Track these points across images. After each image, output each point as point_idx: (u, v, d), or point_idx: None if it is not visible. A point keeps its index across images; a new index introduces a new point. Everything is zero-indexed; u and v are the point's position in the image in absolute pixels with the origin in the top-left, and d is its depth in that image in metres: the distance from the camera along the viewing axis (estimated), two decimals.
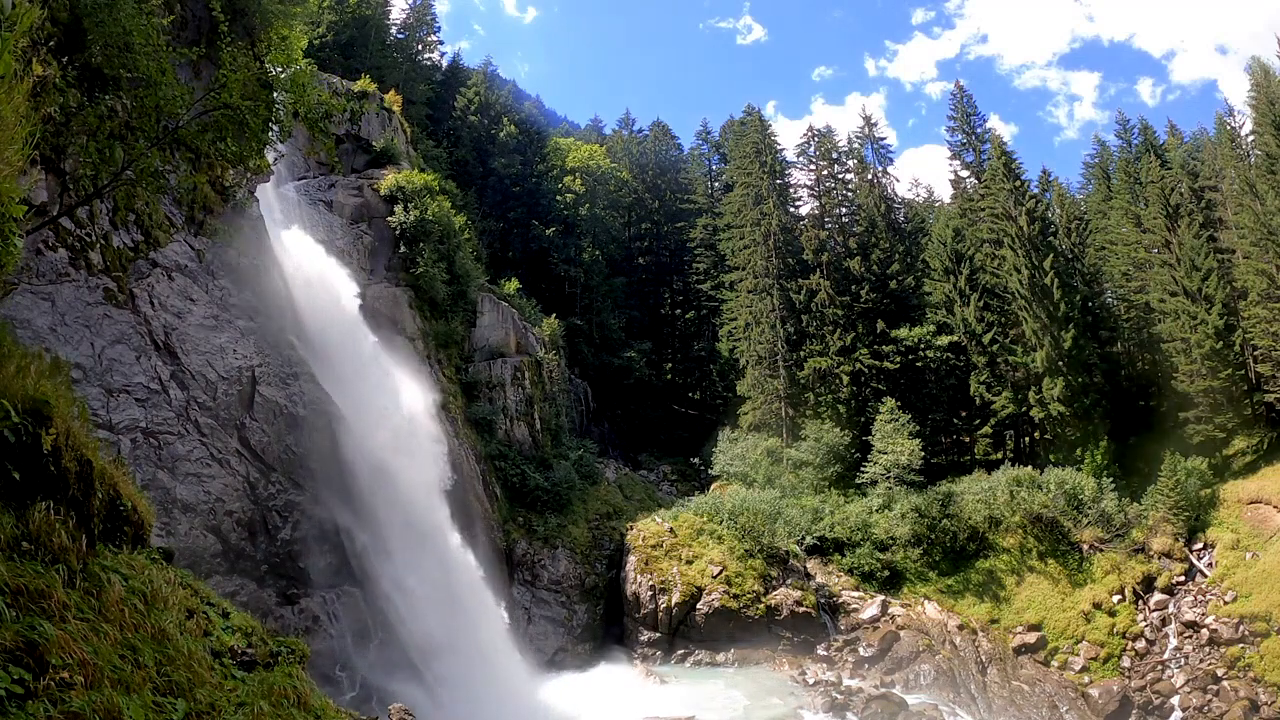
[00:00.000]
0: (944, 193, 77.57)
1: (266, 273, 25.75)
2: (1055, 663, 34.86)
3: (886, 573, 38.94)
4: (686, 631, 35.26)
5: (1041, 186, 59.93)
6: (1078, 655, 34.77)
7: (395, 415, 29.78)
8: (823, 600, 37.31)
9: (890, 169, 62.81)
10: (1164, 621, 35.17)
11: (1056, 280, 46.61)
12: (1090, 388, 45.64)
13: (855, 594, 37.99)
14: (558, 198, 68.28)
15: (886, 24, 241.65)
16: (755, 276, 53.83)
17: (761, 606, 35.48)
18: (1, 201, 4.82)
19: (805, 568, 38.97)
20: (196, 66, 16.15)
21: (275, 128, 9.13)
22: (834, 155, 59.64)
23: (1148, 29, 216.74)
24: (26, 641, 4.13)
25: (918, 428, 44.21)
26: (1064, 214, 58.14)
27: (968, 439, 50.98)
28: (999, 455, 49.95)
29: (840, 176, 59.68)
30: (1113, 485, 40.53)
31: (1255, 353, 42.59)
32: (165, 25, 10.66)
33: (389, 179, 39.73)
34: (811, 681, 31.95)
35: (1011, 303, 48.93)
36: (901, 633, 35.51)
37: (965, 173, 59.44)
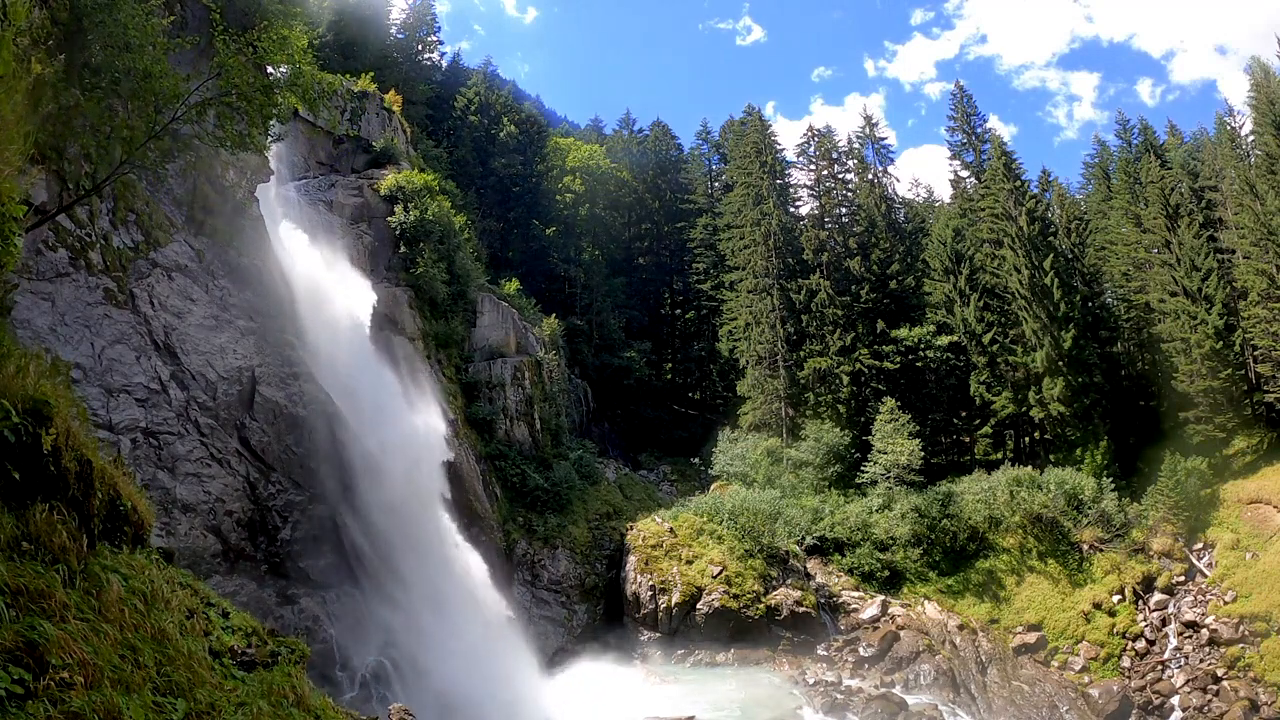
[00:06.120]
0: (944, 193, 77.50)
1: (267, 273, 25.74)
2: (1055, 663, 34.86)
3: (886, 573, 38.94)
4: (686, 631, 35.24)
5: (1041, 186, 59.83)
6: (1078, 655, 34.77)
7: (394, 415, 29.75)
8: (823, 600, 37.30)
9: (890, 169, 62.95)
10: (1164, 621, 35.16)
11: (1056, 280, 46.58)
12: (1090, 388, 45.60)
13: (855, 594, 37.98)
14: (557, 198, 68.27)
15: (886, 24, 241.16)
16: (755, 276, 53.81)
17: (761, 606, 35.47)
18: (1, 201, 4.81)
19: (805, 568, 38.95)
20: (197, 65, 16.16)
21: (275, 109, 9.11)
22: (834, 155, 59.62)
23: (1147, 29, 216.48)
24: (26, 641, 4.12)
25: (918, 428, 44.18)
26: (1064, 214, 58.05)
27: (968, 439, 50.99)
28: (999, 455, 49.96)
29: (840, 176, 59.65)
30: (1113, 485, 40.54)
31: (1255, 353, 42.57)
32: (165, 26, 10.66)
33: (389, 179, 39.70)
34: (811, 681, 31.93)
35: (1011, 303, 48.91)
36: (901, 633, 35.48)
37: (965, 173, 59.48)
